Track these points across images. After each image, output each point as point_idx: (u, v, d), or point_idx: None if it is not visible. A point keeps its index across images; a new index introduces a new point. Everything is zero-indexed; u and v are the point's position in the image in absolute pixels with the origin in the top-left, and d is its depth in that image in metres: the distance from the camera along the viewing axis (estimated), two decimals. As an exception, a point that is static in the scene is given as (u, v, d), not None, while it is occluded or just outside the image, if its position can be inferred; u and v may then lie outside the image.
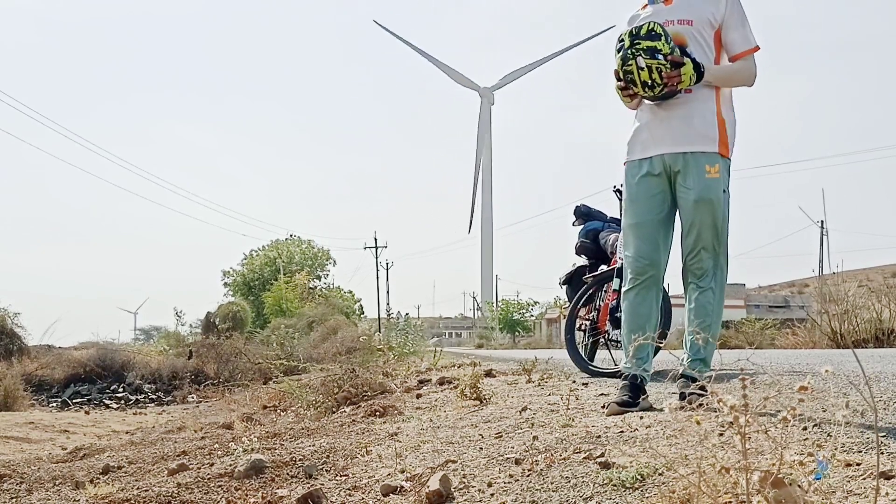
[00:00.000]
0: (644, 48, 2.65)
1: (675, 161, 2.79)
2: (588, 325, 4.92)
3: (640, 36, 2.67)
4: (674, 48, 2.66)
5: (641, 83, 2.69)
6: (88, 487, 2.96)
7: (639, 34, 2.67)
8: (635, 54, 2.66)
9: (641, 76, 2.67)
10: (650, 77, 2.66)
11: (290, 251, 45.40)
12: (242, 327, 24.19)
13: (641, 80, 2.68)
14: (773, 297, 46.12)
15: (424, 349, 11.79)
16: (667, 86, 2.68)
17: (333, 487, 2.33)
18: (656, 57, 2.63)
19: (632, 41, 2.68)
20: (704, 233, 2.80)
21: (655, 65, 2.64)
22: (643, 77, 2.67)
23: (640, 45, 2.66)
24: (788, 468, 1.21)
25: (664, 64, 2.64)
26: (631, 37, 2.69)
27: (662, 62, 2.64)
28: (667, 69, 2.64)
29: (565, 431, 2.49)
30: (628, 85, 2.74)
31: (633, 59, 2.67)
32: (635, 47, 2.67)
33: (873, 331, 8.20)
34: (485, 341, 33.26)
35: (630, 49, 2.67)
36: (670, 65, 2.64)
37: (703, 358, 2.82)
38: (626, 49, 2.69)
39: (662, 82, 2.67)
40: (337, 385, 5.21)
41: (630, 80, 2.71)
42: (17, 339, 16.51)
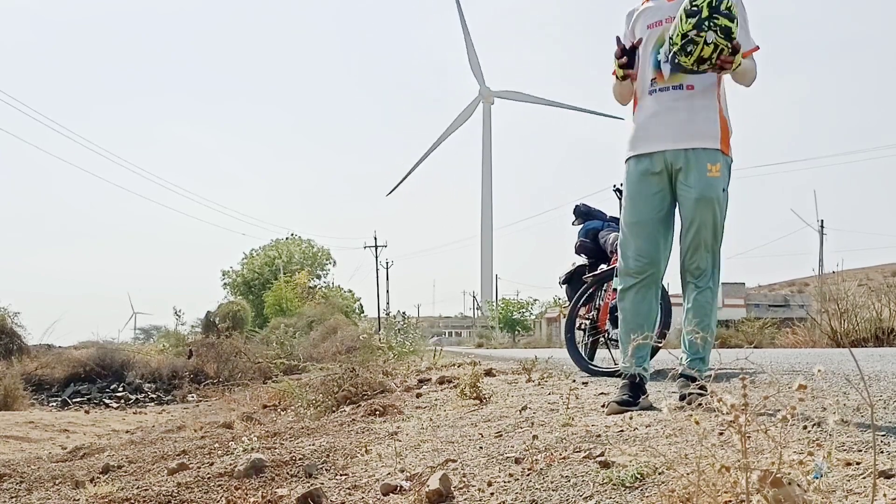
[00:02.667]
0: (721, 26, 2.52)
1: (676, 158, 2.78)
2: (588, 324, 4.93)
3: (719, 10, 2.51)
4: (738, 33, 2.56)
5: (698, 57, 2.57)
6: (88, 487, 2.96)
7: (718, 8, 2.51)
8: (710, 27, 2.50)
9: (704, 51, 2.54)
10: (710, 54, 2.55)
11: (290, 251, 45.42)
12: (242, 327, 24.19)
13: (700, 54, 2.55)
14: (772, 296, 46.13)
15: (424, 348, 11.79)
16: (715, 67, 2.60)
17: (333, 487, 2.33)
18: (728, 38, 2.52)
19: (710, 12, 2.51)
20: (704, 232, 2.79)
21: (723, 45, 2.53)
22: (705, 53, 2.54)
23: (719, 21, 2.51)
24: (788, 467, 1.21)
25: (728, 47, 2.54)
26: (710, 7, 2.51)
27: (728, 45, 2.54)
28: (727, 52, 2.56)
29: (565, 430, 2.49)
30: (681, 51, 2.58)
31: (706, 32, 2.50)
32: (713, 20, 2.50)
33: (873, 330, 8.20)
34: (485, 340, 33.27)
35: (708, 20, 2.50)
36: (731, 49, 2.56)
37: (702, 357, 2.81)
38: (703, 18, 2.51)
39: (715, 63, 2.57)
40: (337, 384, 5.21)
41: (688, 49, 2.55)
42: (17, 338, 16.52)
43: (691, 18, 2.55)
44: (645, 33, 2.86)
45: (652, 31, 2.84)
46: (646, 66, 2.87)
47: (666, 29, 2.79)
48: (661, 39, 2.81)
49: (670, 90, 2.79)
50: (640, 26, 2.89)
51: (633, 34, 2.94)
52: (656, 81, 2.82)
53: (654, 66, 2.83)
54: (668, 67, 2.79)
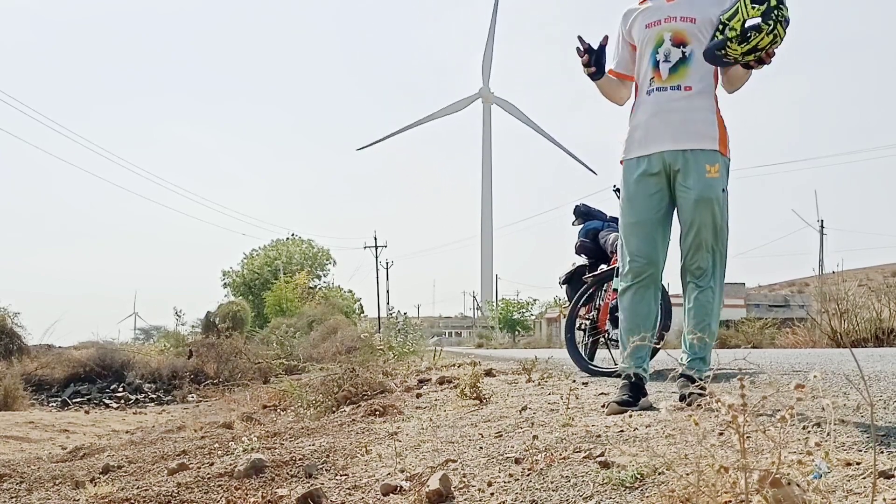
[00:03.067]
0: (787, 16, 2.49)
1: (674, 159, 2.78)
2: (588, 324, 4.93)
3: (783, 2, 2.47)
4: None
5: (752, 47, 2.52)
6: (88, 487, 2.96)
7: (784, 3, 2.47)
8: (778, 19, 2.47)
9: (763, 41, 2.49)
10: (767, 46, 2.51)
11: (290, 251, 45.43)
12: (242, 327, 24.20)
13: (756, 43, 2.50)
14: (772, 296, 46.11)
15: (424, 349, 11.79)
16: (758, 60, 2.57)
17: (333, 487, 2.33)
18: (786, 29, 2.49)
19: (778, 2, 2.47)
20: (704, 232, 2.79)
21: (781, 36, 2.50)
22: (763, 42, 2.51)
23: (785, 11, 2.47)
24: (787, 467, 1.21)
25: (778, 42, 2.51)
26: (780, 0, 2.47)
27: (777, 40, 2.51)
28: (777, 45, 2.53)
29: (565, 431, 2.49)
30: (740, 37, 2.53)
31: (774, 24, 2.46)
32: (780, 11, 2.47)
33: (873, 330, 8.20)
34: (485, 341, 33.25)
35: (775, 10, 2.47)
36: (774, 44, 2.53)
37: (702, 357, 2.81)
38: (772, 7, 2.47)
39: (759, 56, 2.55)
40: (337, 384, 5.21)
41: (749, 36, 2.50)
42: (17, 338, 16.51)
43: (759, 5, 2.49)
44: (643, 33, 2.86)
45: (650, 30, 2.84)
46: (644, 66, 2.86)
47: (665, 29, 2.79)
48: (659, 39, 2.81)
49: (668, 90, 2.78)
50: (638, 26, 2.88)
51: (630, 34, 2.94)
52: (654, 81, 2.82)
53: (653, 65, 2.82)
54: (666, 67, 2.79)
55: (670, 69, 2.78)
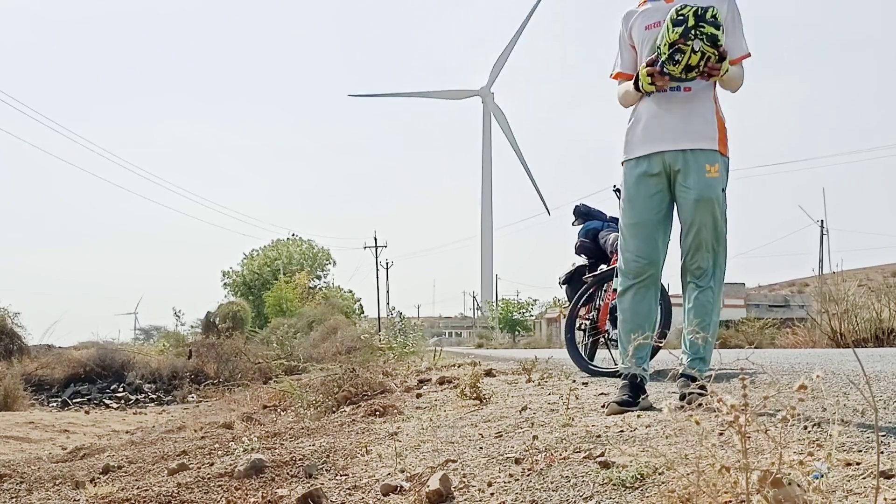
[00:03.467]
0: (708, 34, 2.56)
1: (675, 159, 2.78)
2: (588, 324, 4.92)
3: (705, 19, 2.56)
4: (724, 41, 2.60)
5: (686, 65, 2.60)
6: (88, 487, 2.96)
7: (704, 17, 2.56)
8: (697, 36, 2.55)
9: (691, 59, 2.58)
10: (698, 62, 2.59)
11: (290, 251, 45.40)
12: (242, 327, 24.19)
13: (688, 62, 2.59)
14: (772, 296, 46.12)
15: (424, 349, 11.79)
16: (703, 74, 2.63)
17: (333, 487, 2.33)
18: (714, 45, 2.56)
19: (696, 21, 2.56)
20: (704, 232, 2.79)
21: (710, 53, 2.57)
22: (692, 61, 2.58)
23: (705, 29, 2.55)
24: (788, 467, 1.21)
25: (715, 54, 2.58)
26: (696, 16, 2.57)
27: (714, 52, 2.58)
28: (714, 60, 2.59)
29: (565, 431, 2.49)
30: (668, 62, 2.62)
31: (692, 41, 2.56)
32: (699, 29, 2.56)
33: (873, 330, 8.19)
34: (485, 341, 33.24)
35: (694, 29, 2.56)
36: (718, 56, 2.59)
37: (702, 357, 2.81)
38: (689, 27, 2.57)
39: (704, 70, 2.61)
40: (337, 385, 5.21)
41: (676, 58, 2.60)
42: (17, 338, 16.50)
43: (678, 27, 2.60)
44: (643, 35, 2.86)
45: (650, 32, 2.84)
46: None
47: (701, 5, 2.79)
48: None
49: (668, 92, 2.79)
50: (638, 28, 2.88)
51: (630, 36, 2.94)
52: None
53: None
54: None
55: None
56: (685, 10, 2.59)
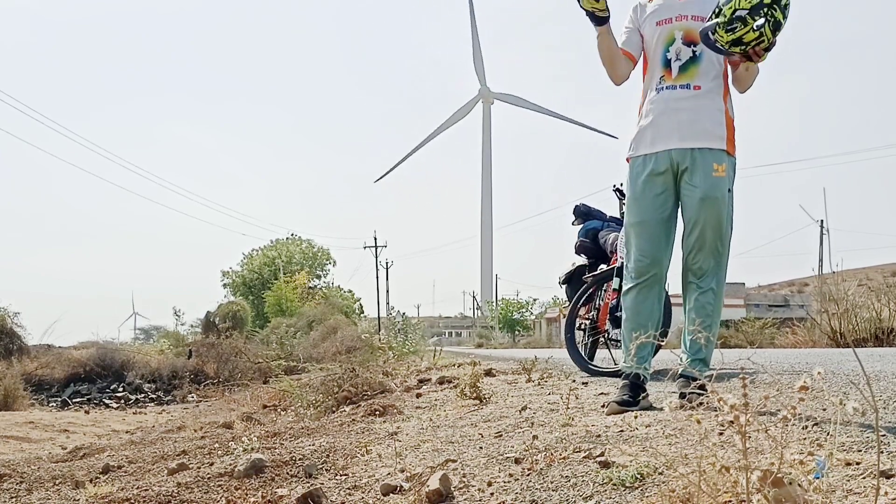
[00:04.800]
0: (776, 19, 2.45)
1: (682, 157, 2.77)
2: (588, 324, 4.92)
3: (779, 3, 2.43)
4: None
5: (737, 38, 2.46)
6: (88, 487, 2.96)
7: (780, 1, 2.43)
8: (766, 15, 2.43)
9: (747, 35, 2.45)
10: (751, 41, 2.47)
11: (290, 251, 45.38)
12: (242, 327, 24.19)
13: (742, 35, 2.45)
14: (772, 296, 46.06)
15: (424, 348, 11.79)
16: (746, 55, 2.54)
17: (333, 487, 2.33)
18: (775, 32, 2.46)
19: (772, 2, 2.43)
20: (708, 232, 2.78)
21: (767, 36, 2.46)
22: (748, 37, 2.45)
23: (776, 13, 2.43)
24: (788, 467, 1.21)
25: (769, 40, 2.48)
26: None
27: (770, 38, 2.47)
28: (764, 46, 2.50)
29: (565, 431, 2.49)
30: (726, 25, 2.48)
31: (759, 18, 2.43)
32: (772, 10, 2.43)
33: (873, 330, 8.19)
34: (484, 340, 33.25)
35: (767, 7, 2.43)
36: (768, 45, 2.51)
37: (702, 358, 2.81)
38: (764, 3, 2.42)
39: (748, 51, 2.51)
40: (337, 384, 5.21)
41: (734, 26, 2.45)
42: (17, 338, 16.51)
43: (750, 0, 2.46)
44: (654, 30, 2.85)
45: (661, 28, 2.83)
46: (654, 63, 2.85)
47: (676, 27, 2.78)
48: (670, 37, 2.80)
49: (677, 89, 2.78)
50: (650, 23, 2.87)
51: (641, 27, 2.92)
52: (664, 79, 2.81)
53: (664, 64, 2.81)
54: (677, 66, 2.78)
55: (680, 68, 2.78)
56: None
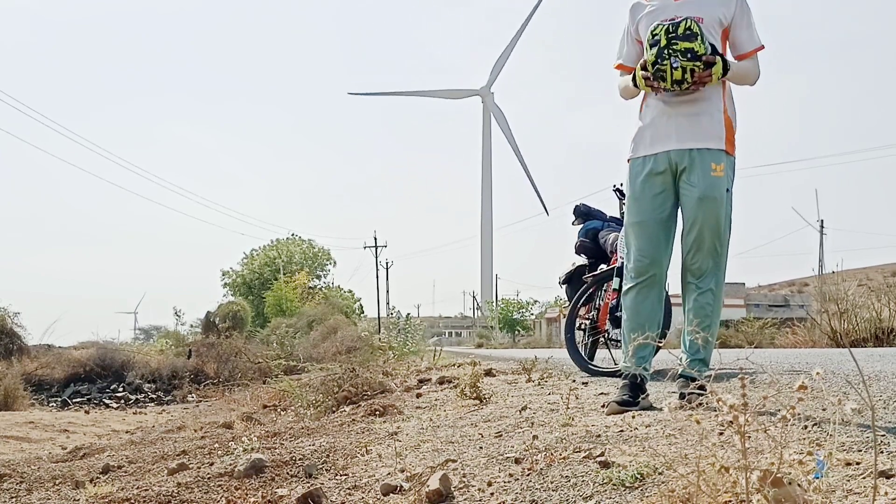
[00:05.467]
0: (681, 50, 2.61)
1: (681, 158, 2.78)
2: (588, 324, 4.92)
3: (677, 35, 2.63)
4: (707, 48, 2.63)
5: (672, 80, 2.66)
6: (88, 487, 2.96)
7: (676, 33, 2.63)
8: (671, 54, 2.62)
9: (674, 75, 2.64)
10: (682, 76, 2.64)
11: (290, 251, 45.39)
12: (242, 327, 24.19)
13: (673, 78, 2.65)
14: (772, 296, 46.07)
15: (424, 348, 11.80)
16: (695, 83, 2.66)
17: (333, 487, 2.33)
18: (693, 59, 2.61)
19: (668, 40, 2.63)
20: (706, 232, 2.78)
21: (690, 66, 2.62)
22: (675, 76, 2.64)
23: (678, 45, 2.62)
24: (788, 467, 1.21)
25: (699, 65, 2.62)
26: (667, 34, 2.64)
27: (697, 64, 2.62)
28: (699, 70, 2.63)
29: (565, 431, 2.49)
30: (656, 79, 2.69)
31: (668, 59, 2.63)
32: (672, 47, 2.62)
33: (873, 330, 8.19)
34: (485, 340, 33.24)
35: (666, 49, 2.63)
36: (704, 65, 2.62)
37: (702, 358, 2.81)
38: (662, 47, 2.64)
39: (692, 81, 2.65)
40: (337, 384, 5.21)
41: (660, 76, 2.67)
42: (17, 338, 16.51)
43: (653, 49, 2.67)
44: (653, 25, 2.85)
45: (660, 22, 2.82)
46: None
47: (674, 21, 2.79)
48: None
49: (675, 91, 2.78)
50: (645, 24, 2.88)
51: (637, 31, 2.93)
52: None
53: None
54: None
55: None
56: (657, 29, 2.68)
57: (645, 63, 2.72)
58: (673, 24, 2.66)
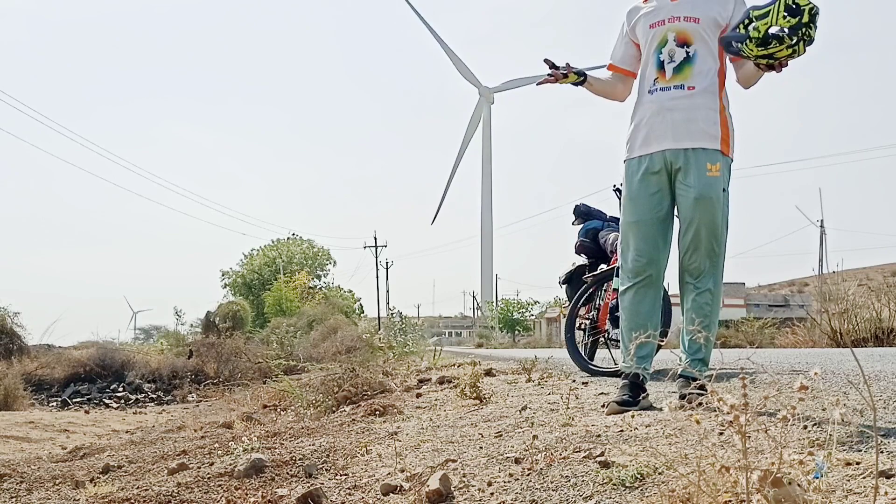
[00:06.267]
0: (811, 37, 2.47)
1: (676, 158, 2.78)
2: (588, 324, 4.92)
3: (815, 21, 2.45)
4: None
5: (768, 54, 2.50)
6: (88, 487, 2.96)
7: (815, 18, 2.45)
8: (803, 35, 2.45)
9: (780, 52, 2.48)
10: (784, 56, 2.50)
11: (291, 251, 45.41)
12: (242, 327, 24.19)
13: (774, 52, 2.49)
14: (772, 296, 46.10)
15: (424, 348, 11.80)
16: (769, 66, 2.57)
17: (333, 487, 2.33)
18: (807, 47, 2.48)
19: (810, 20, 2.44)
20: (703, 232, 2.78)
21: (799, 53, 2.49)
22: (780, 54, 2.49)
23: (812, 31, 2.46)
24: (788, 467, 1.21)
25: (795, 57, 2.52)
26: (811, 14, 2.44)
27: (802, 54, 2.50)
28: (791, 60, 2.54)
29: (565, 430, 2.49)
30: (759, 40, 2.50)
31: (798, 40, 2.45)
32: (809, 28, 2.45)
33: (873, 330, 8.19)
34: (485, 340, 33.23)
35: (805, 27, 2.44)
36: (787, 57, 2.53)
37: (702, 358, 2.81)
38: (803, 24, 2.44)
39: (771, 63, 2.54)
40: (337, 384, 5.21)
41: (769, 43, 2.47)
42: (17, 338, 16.50)
43: (792, 17, 2.46)
44: (647, 34, 2.86)
45: (654, 30, 2.84)
46: (648, 65, 2.86)
47: (669, 29, 2.79)
48: (663, 39, 2.81)
49: (671, 90, 2.79)
50: (642, 26, 2.88)
51: (633, 32, 2.94)
52: (658, 81, 2.82)
53: (657, 65, 2.82)
54: (671, 67, 2.79)
55: (674, 69, 2.79)
56: (805, 2, 2.45)
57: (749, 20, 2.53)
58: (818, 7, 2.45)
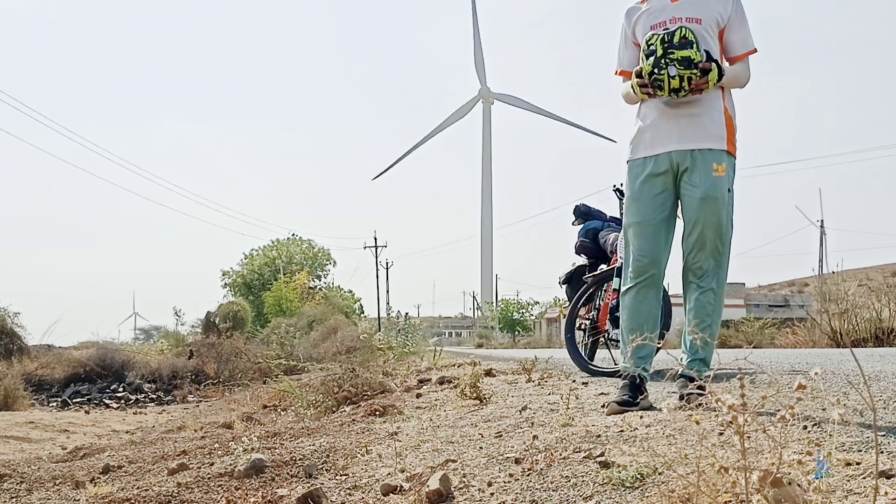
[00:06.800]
0: (678, 59, 2.64)
1: (682, 159, 2.78)
2: (588, 324, 4.92)
3: (672, 44, 2.66)
4: (703, 55, 2.66)
5: (670, 89, 2.68)
6: (88, 487, 2.96)
7: (672, 42, 2.66)
8: (668, 63, 2.65)
9: (671, 84, 2.67)
10: (680, 84, 2.66)
11: (290, 251, 45.40)
12: (242, 327, 24.18)
13: (671, 87, 2.67)
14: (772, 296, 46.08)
15: (424, 349, 11.79)
16: (693, 90, 2.68)
17: (333, 487, 2.33)
18: (689, 67, 2.64)
19: (664, 50, 2.66)
20: (707, 231, 2.78)
21: (687, 74, 2.64)
22: (673, 84, 2.67)
23: (674, 54, 2.64)
24: (788, 467, 1.21)
25: (696, 73, 2.64)
26: (663, 44, 2.67)
27: (694, 72, 2.64)
28: (696, 78, 2.65)
29: (565, 431, 2.49)
30: (653, 89, 2.72)
31: (665, 69, 2.66)
32: (668, 56, 2.65)
33: (873, 330, 8.19)
34: (485, 341, 33.25)
35: (663, 58, 2.66)
36: (700, 72, 2.64)
37: (702, 358, 2.81)
38: (658, 57, 2.67)
39: (690, 88, 2.67)
40: (337, 384, 5.21)
41: (657, 85, 2.69)
42: (17, 338, 16.49)
43: (650, 58, 2.69)
44: (648, 34, 2.86)
45: (654, 32, 2.84)
46: None
47: (668, 30, 2.80)
48: None
49: None
50: (642, 27, 2.88)
51: (634, 34, 2.94)
52: None
53: None
54: None
55: None
56: (653, 39, 2.71)
57: (641, 71, 2.74)
58: (668, 33, 2.68)
